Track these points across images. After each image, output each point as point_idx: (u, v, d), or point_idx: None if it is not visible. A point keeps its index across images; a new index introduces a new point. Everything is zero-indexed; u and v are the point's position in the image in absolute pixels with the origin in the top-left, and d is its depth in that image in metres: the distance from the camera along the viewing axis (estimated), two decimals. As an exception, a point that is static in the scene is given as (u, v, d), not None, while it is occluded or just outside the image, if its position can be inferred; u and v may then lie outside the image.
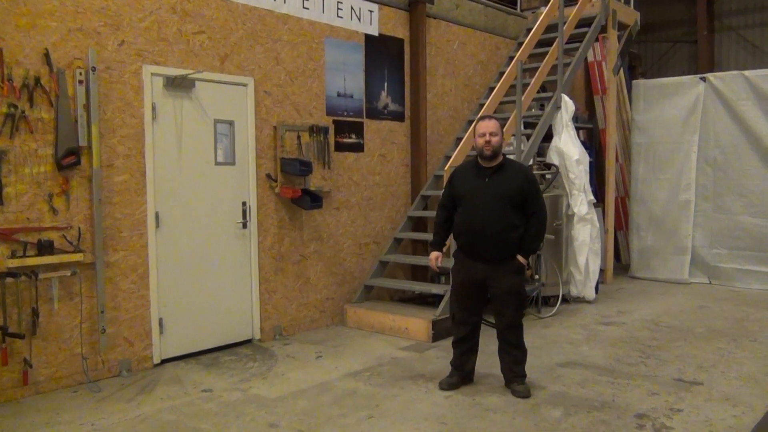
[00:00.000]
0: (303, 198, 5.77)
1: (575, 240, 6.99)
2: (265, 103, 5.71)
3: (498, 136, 4.12)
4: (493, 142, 4.10)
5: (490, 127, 4.12)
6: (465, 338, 4.38)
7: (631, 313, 6.62)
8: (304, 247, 6.05)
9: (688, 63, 11.97)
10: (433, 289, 6.16)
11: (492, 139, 4.10)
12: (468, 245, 4.20)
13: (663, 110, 8.25)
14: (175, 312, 5.12)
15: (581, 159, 6.97)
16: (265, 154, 5.71)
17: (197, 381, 4.68)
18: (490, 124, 4.13)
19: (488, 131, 4.12)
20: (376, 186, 6.74)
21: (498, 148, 4.13)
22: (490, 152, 4.11)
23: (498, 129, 4.14)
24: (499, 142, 4.14)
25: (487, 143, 4.10)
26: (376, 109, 6.73)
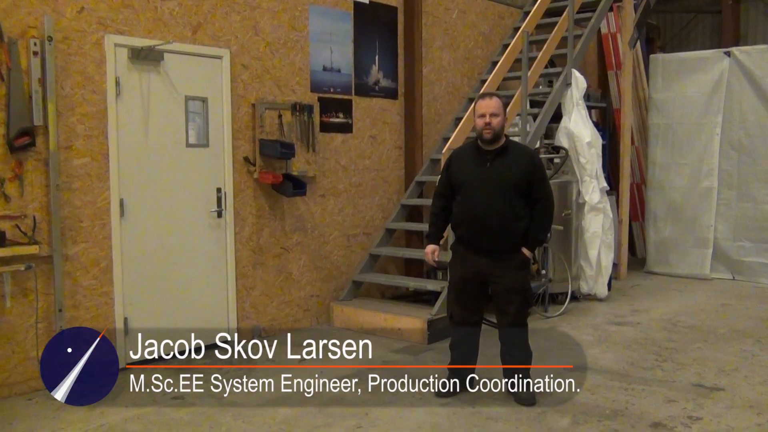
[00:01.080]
0: (284, 184, 5.76)
1: (586, 231, 7.02)
2: (242, 78, 5.68)
3: (499, 116, 4.12)
4: (494, 124, 4.10)
5: (490, 107, 4.11)
6: (464, 340, 4.39)
7: (646, 312, 6.66)
8: (285, 238, 6.04)
9: (712, 36, 11.99)
10: (428, 285, 6.18)
11: (492, 120, 4.10)
12: (467, 237, 4.21)
13: (683, 88, 8.27)
14: (141, 311, 5.11)
15: (593, 141, 6.99)
16: (242, 134, 5.69)
17: (167, 387, 4.67)
18: (491, 104, 4.12)
19: (488, 111, 4.11)
20: (366, 171, 6.73)
21: (499, 130, 4.13)
22: (490, 135, 4.11)
23: (500, 109, 4.13)
24: (501, 123, 4.14)
25: (487, 125, 4.10)
26: (367, 86, 6.70)
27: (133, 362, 5.11)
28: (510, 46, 6.69)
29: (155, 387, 4.68)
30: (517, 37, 6.71)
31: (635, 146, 9.09)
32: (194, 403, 4.39)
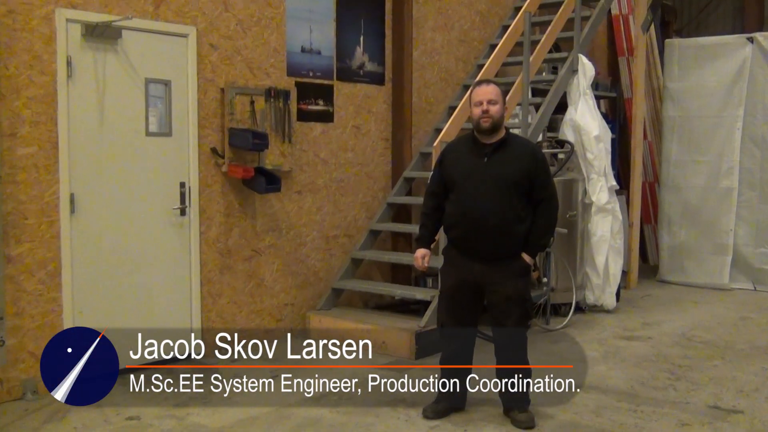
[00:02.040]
0: (257, 179, 5.75)
1: (593, 235, 7.05)
2: (210, 60, 5.65)
3: (498, 104, 4.13)
4: (492, 113, 4.11)
5: (488, 94, 4.12)
6: (456, 355, 4.39)
7: (658, 326, 6.70)
8: (257, 239, 6.02)
9: (733, 19, 12.08)
10: (417, 294, 6.17)
11: (491, 108, 4.11)
12: (462, 241, 4.21)
13: (702, 77, 8.33)
14: (94, 320, 5.07)
15: (601, 135, 7.02)
16: (209, 123, 5.66)
17: (121, 406, 4.64)
18: (489, 90, 4.13)
19: (486, 99, 4.12)
20: (349, 165, 6.72)
21: (499, 119, 4.14)
22: (488, 125, 4.12)
23: (498, 96, 4.15)
24: (500, 112, 4.15)
25: (485, 114, 4.11)
26: (350, 70, 6.69)
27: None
28: (510, 28, 6.69)
29: (108, 405, 4.64)
30: (518, 17, 6.72)
31: (648, 141, 9.14)
32: (152, 424, 4.36)
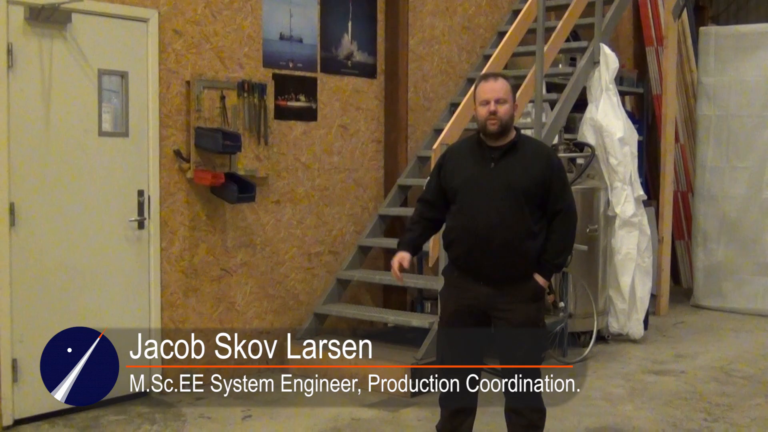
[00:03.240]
0: (227, 186, 5.72)
1: (617, 253, 7.03)
2: (174, 48, 5.64)
3: (508, 104, 4.11)
4: (501, 114, 4.08)
5: (496, 92, 4.10)
6: (458, 392, 4.36)
7: (693, 358, 6.68)
8: (227, 257, 5.99)
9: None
10: (413, 320, 6.14)
11: (499, 108, 4.08)
12: (464, 260, 4.18)
13: (741, 70, 8.34)
14: (36, 350, 5.02)
15: (627, 137, 7.01)
16: (173, 121, 5.64)
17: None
18: (497, 87, 4.11)
19: (494, 97, 4.09)
20: (335, 170, 6.70)
21: (508, 121, 4.12)
22: (496, 128, 4.10)
23: (508, 94, 4.13)
24: (510, 112, 4.13)
25: (493, 116, 4.08)
26: (336, 60, 6.67)
27: (24, 418, 5.01)
28: (522, 13, 6.69)
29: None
30: (530, 1, 6.72)
31: (680, 144, 9.15)
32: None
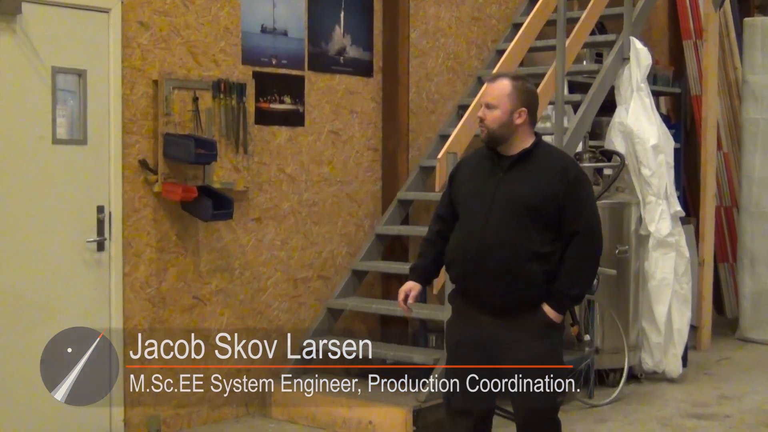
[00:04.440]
0: (201, 201, 5.72)
1: (651, 278, 7.01)
2: (139, 42, 5.66)
3: (499, 109, 4.11)
4: (488, 121, 4.11)
5: (487, 95, 4.14)
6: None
7: (739, 400, 6.67)
8: (201, 283, 6.00)
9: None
10: (416, 356, 6.13)
11: (487, 115, 4.11)
12: (461, 283, 4.18)
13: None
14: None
15: (661, 144, 7.01)
16: (138, 126, 5.65)
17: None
18: (491, 89, 4.13)
19: (484, 101, 4.14)
20: (325, 183, 6.71)
21: (497, 129, 4.11)
22: (485, 136, 4.14)
23: (502, 97, 4.12)
24: (500, 119, 4.12)
25: (480, 122, 4.13)
26: (326, 56, 6.69)
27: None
28: (540, 2, 6.69)
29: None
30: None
31: (723, 152, 9.15)
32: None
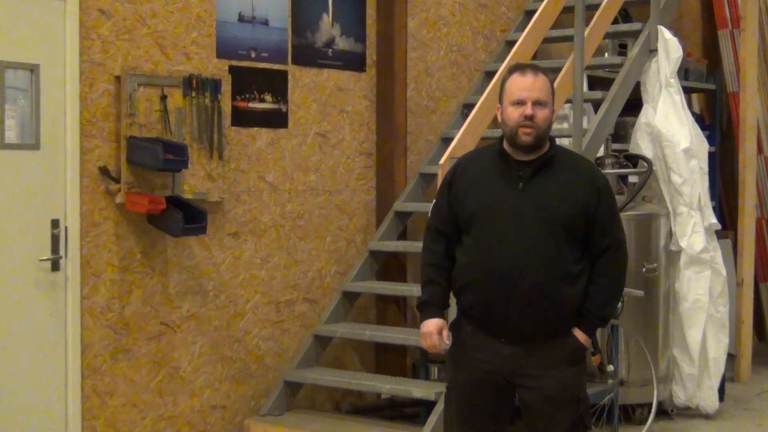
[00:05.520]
0: (169, 214, 5.72)
1: (683, 300, 7.02)
2: (100, 33, 5.66)
3: (548, 108, 4.11)
4: (540, 121, 4.08)
5: (535, 90, 4.09)
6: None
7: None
8: (169, 307, 5.99)
9: None
10: (415, 390, 6.13)
11: (538, 113, 4.09)
12: (481, 311, 4.19)
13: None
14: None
15: (694, 148, 7.02)
16: (98, 129, 5.66)
17: None
18: (537, 84, 4.10)
19: (532, 97, 4.08)
20: (311, 193, 6.72)
21: (546, 131, 4.13)
22: (530, 139, 4.10)
23: (550, 95, 4.13)
24: (550, 120, 4.14)
25: (528, 121, 4.08)
26: (313, 48, 6.71)
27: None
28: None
29: None
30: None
31: (764, 156, 9.18)
32: None
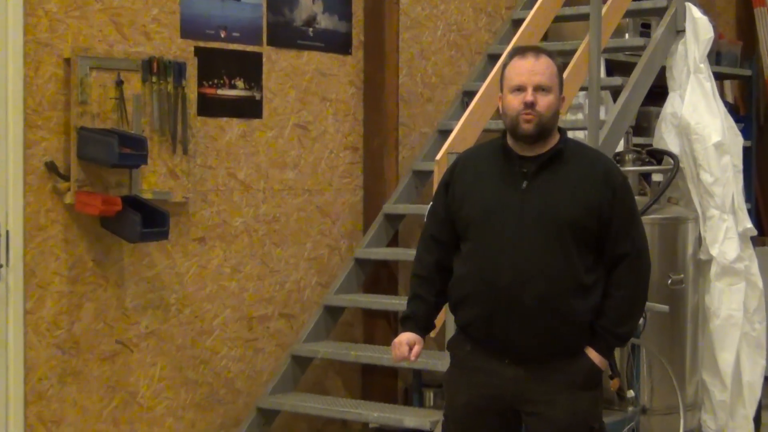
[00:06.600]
0: (126, 217, 5.73)
1: (714, 316, 7.03)
2: (46, 10, 5.68)
3: (552, 94, 4.13)
4: (542, 107, 4.10)
5: (536, 74, 4.11)
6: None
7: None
8: (126, 324, 6.01)
9: None
10: (407, 418, 6.14)
11: (540, 100, 4.10)
12: (481, 327, 4.20)
13: None
14: None
15: (726, 143, 7.03)
16: (44, 119, 5.68)
17: None
18: (539, 68, 4.12)
19: (532, 81, 4.11)
20: (289, 193, 6.74)
21: (550, 119, 4.15)
22: (532, 129, 4.12)
23: (554, 79, 4.14)
24: (555, 107, 4.15)
25: (529, 109, 4.10)
26: (291, 27, 6.74)
27: None
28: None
29: None
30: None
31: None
32: None
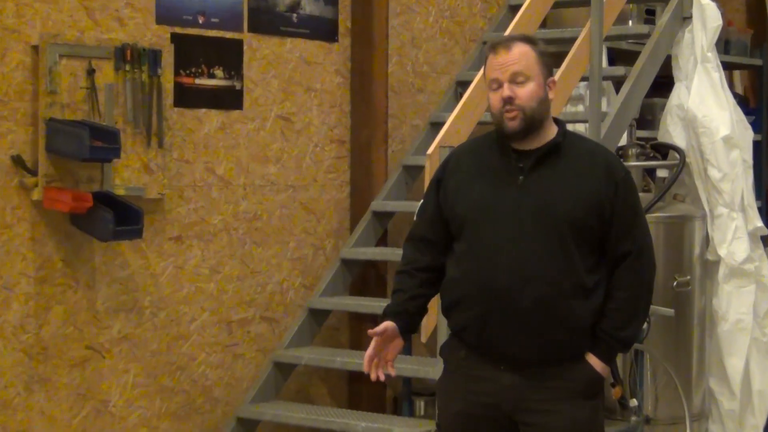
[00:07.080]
0: (98, 214, 5.73)
1: (722, 320, 7.04)
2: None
3: (532, 81, 4.13)
4: (523, 99, 4.10)
5: (509, 64, 4.11)
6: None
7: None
8: (97, 327, 6.02)
9: None
10: (396, 429, 6.15)
11: (518, 91, 4.10)
12: (475, 331, 4.20)
13: None
14: None
15: (735, 136, 7.03)
16: (10, 110, 5.71)
17: None
18: (511, 58, 4.12)
19: (507, 75, 4.11)
20: (271, 189, 6.75)
21: (536, 109, 4.14)
22: (517, 125, 4.12)
23: (532, 65, 4.14)
24: (538, 95, 4.14)
25: (509, 104, 4.10)
26: (274, 12, 6.76)
27: None
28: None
29: None
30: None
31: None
32: None
